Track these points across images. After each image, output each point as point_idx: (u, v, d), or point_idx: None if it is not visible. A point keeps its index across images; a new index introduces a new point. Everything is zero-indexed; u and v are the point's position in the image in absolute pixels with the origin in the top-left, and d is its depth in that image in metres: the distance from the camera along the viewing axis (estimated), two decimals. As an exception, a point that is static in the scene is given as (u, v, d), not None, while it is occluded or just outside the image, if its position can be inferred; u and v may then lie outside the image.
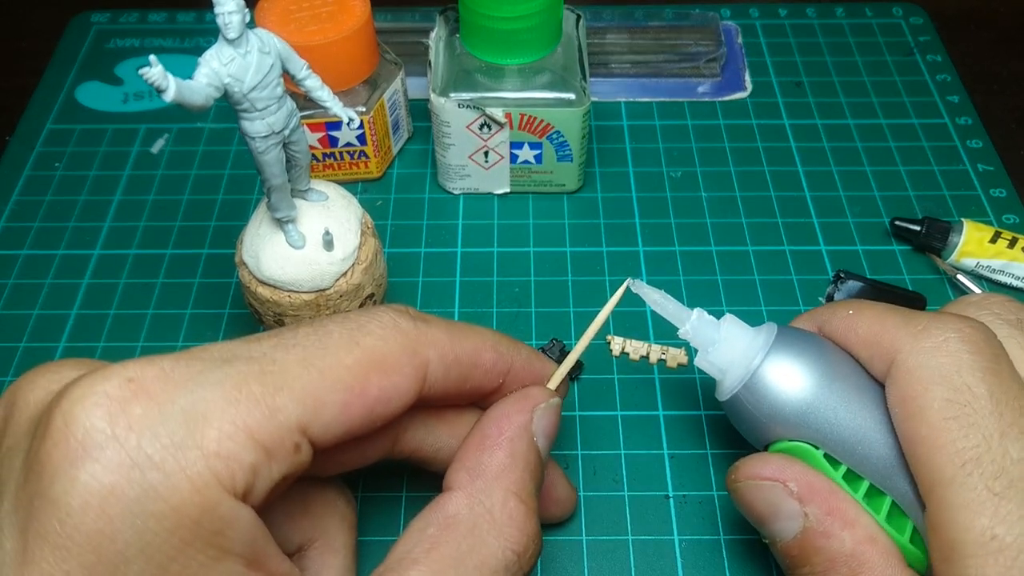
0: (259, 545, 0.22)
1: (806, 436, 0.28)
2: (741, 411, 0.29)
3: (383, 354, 0.24)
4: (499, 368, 0.28)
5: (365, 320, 0.25)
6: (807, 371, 0.28)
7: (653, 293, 0.30)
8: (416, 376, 0.25)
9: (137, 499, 0.20)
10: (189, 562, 0.20)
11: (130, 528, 0.19)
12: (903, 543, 0.26)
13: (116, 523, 0.19)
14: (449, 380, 0.26)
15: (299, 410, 0.22)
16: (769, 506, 0.27)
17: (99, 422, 0.20)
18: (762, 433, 0.29)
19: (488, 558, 0.24)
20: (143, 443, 0.20)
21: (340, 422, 0.23)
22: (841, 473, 0.27)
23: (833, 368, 0.28)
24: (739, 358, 0.29)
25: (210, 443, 0.20)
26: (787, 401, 0.28)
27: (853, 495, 0.27)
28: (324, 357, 0.23)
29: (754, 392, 0.28)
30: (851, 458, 0.27)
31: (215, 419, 0.21)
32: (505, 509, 0.25)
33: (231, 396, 0.21)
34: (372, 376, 0.24)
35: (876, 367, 0.27)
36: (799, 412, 0.28)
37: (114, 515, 0.19)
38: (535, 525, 0.25)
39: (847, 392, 0.27)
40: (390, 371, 0.24)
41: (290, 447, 0.22)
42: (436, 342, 0.26)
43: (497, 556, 0.24)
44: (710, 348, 0.30)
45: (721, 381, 0.30)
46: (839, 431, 0.27)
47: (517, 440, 0.26)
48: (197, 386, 0.21)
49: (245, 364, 0.22)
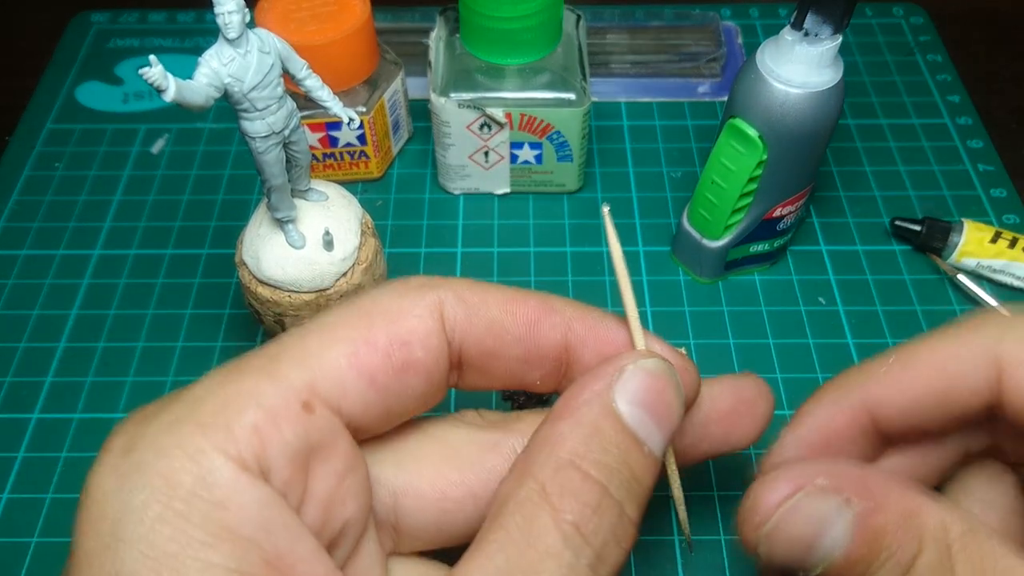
0: (278, 537, 0.19)
1: None
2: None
3: (385, 302, 0.23)
4: (548, 323, 0.25)
5: (369, 290, 0.24)
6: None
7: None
8: (431, 316, 0.23)
9: (127, 474, 0.19)
10: (188, 540, 0.18)
11: (119, 504, 0.19)
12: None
13: (105, 501, 0.19)
14: (478, 325, 0.24)
15: (299, 369, 0.21)
16: (812, 523, 0.22)
17: (110, 438, 0.20)
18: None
19: (540, 534, 0.20)
20: (141, 430, 0.20)
21: (356, 376, 0.22)
22: None
23: None
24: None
25: (205, 415, 0.20)
26: None
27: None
28: (320, 322, 0.23)
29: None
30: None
31: (211, 396, 0.20)
32: (557, 479, 0.21)
33: (229, 375, 0.21)
34: (376, 322, 0.23)
35: (972, 388, 0.24)
36: None
37: (107, 491, 0.19)
38: (598, 496, 0.21)
39: None
40: (396, 315, 0.23)
41: (296, 407, 0.21)
42: (450, 283, 0.24)
43: (551, 531, 0.20)
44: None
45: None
46: None
47: (586, 407, 0.22)
48: (198, 382, 0.21)
49: (246, 354, 0.22)
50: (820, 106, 0.34)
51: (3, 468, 0.35)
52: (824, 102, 0.34)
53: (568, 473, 0.21)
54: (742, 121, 0.35)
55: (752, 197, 0.37)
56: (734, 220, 0.38)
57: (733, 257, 0.40)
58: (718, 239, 0.39)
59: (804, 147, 0.35)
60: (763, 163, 0.36)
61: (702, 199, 0.38)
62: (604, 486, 0.21)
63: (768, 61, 0.34)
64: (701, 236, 0.40)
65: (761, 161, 0.35)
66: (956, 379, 0.25)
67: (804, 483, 0.22)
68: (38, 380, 0.38)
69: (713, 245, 0.39)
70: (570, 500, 0.21)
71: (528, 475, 0.21)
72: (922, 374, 0.25)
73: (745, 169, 0.36)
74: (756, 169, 0.36)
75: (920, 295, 0.41)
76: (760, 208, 0.38)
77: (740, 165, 0.36)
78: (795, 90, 0.33)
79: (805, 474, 0.22)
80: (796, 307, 0.40)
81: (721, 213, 0.38)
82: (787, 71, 0.33)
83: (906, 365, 0.25)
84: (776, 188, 0.37)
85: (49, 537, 0.34)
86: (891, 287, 0.41)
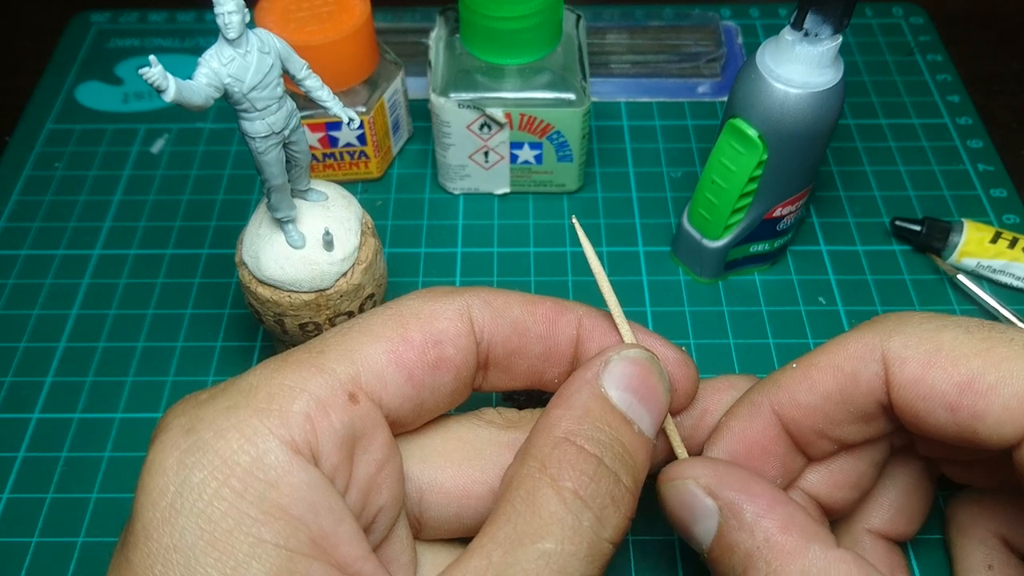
0: (324, 518, 0.21)
1: None
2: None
3: (417, 306, 0.25)
4: (563, 320, 0.27)
5: (400, 297, 0.26)
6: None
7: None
8: (460, 318, 0.25)
9: (188, 451, 0.20)
10: (241, 516, 0.20)
11: (178, 479, 0.20)
12: None
13: (165, 476, 0.20)
14: (503, 325, 0.26)
15: (344, 363, 0.23)
16: (683, 507, 0.25)
17: (169, 418, 0.22)
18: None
19: (542, 504, 0.22)
20: (201, 412, 0.21)
21: (395, 370, 0.24)
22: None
23: None
24: None
25: (260, 401, 0.21)
26: None
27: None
28: (359, 322, 0.25)
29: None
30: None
31: (264, 385, 0.22)
32: (554, 455, 0.23)
33: (279, 367, 0.23)
34: (411, 324, 0.25)
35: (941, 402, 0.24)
36: None
37: (167, 468, 0.20)
38: (594, 466, 0.23)
39: None
40: (429, 318, 0.25)
41: (343, 397, 0.22)
42: (474, 289, 0.26)
43: (552, 500, 0.22)
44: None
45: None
46: None
47: (576, 393, 0.24)
48: (249, 373, 0.23)
49: (292, 349, 0.24)
50: (820, 106, 0.34)
51: (3, 468, 0.35)
52: (824, 102, 0.34)
53: (564, 447, 0.23)
54: (742, 121, 0.35)
55: (752, 197, 0.37)
56: (734, 220, 0.38)
57: (733, 257, 0.40)
58: (718, 239, 0.39)
59: (804, 147, 0.35)
60: (763, 163, 0.36)
61: (702, 199, 0.38)
62: (599, 457, 0.23)
63: (768, 61, 0.34)
64: (701, 236, 0.40)
65: (761, 161, 0.35)
66: (851, 379, 0.25)
67: (691, 475, 0.25)
68: (38, 380, 0.38)
69: (713, 245, 0.39)
70: (568, 470, 0.22)
71: (528, 455, 0.23)
72: (820, 377, 0.26)
73: (745, 169, 0.36)
74: (756, 169, 0.36)
75: (920, 295, 0.41)
76: (760, 208, 0.38)
77: (740, 165, 0.36)
78: (795, 90, 0.33)
79: (697, 468, 0.25)
80: (796, 307, 0.40)
81: (721, 213, 0.38)
82: (787, 71, 0.33)
83: (807, 369, 0.26)
84: (776, 188, 0.37)
85: (49, 537, 0.34)
86: (891, 287, 0.41)
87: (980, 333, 0.24)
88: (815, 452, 0.27)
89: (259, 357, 0.39)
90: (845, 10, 0.32)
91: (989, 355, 0.23)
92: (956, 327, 0.24)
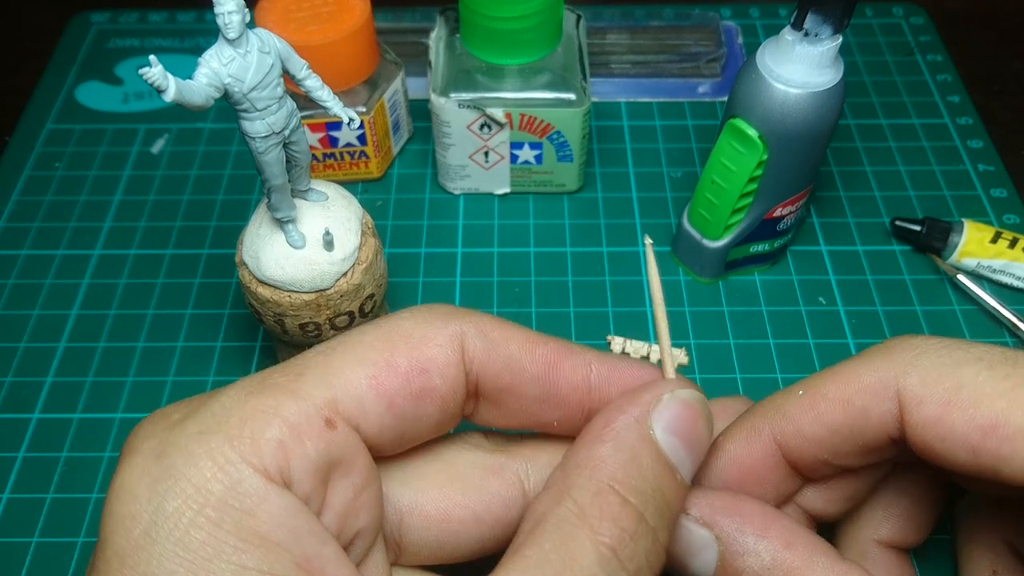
0: (306, 542, 0.20)
1: None
2: None
3: (408, 328, 0.24)
4: (568, 364, 0.25)
5: (395, 312, 0.25)
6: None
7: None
8: (451, 346, 0.24)
9: (159, 479, 0.20)
10: (221, 545, 0.19)
11: (151, 507, 0.20)
12: None
13: (137, 503, 0.20)
14: (496, 360, 0.25)
15: (322, 387, 0.22)
16: (676, 542, 0.24)
17: (137, 440, 0.21)
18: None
19: (577, 554, 0.21)
20: (171, 437, 0.21)
21: (375, 397, 0.23)
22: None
23: None
24: None
25: (232, 428, 0.21)
26: None
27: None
28: (344, 341, 0.23)
29: None
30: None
31: (238, 408, 0.21)
32: (596, 502, 0.21)
33: (254, 389, 0.22)
34: (399, 347, 0.23)
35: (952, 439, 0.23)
36: None
37: (137, 495, 0.20)
38: (635, 522, 0.22)
39: None
40: (419, 343, 0.24)
41: (319, 423, 0.22)
42: (473, 316, 0.25)
43: (588, 553, 0.21)
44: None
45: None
46: None
47: (625, 432, 0.23)
48: (222, 393, 0.22)
49: (269, 369, 0.23)
50: (820, 106, 0.34)
51: (3, 468, 0.35)
52: (824, 102, 0.34)
53: (608, 498, 0.22)
54: (742, 121, 0.35)
55: (752, 197, 0.37)
56: (734, 220, 0.38)
57: (733, 257, 0.40)
58: (718, 239, 0.39)
59: (804, 147, 0.35)
60: (763, 163, 0.36)
61: (702, 199, 0.38)
62: (641, 512, 0.22)
63: (768, 61, 0.34)
64: (701, 236, 0.40)
65: (761, 161, 0.35)
66: (861, 414, 0.24)
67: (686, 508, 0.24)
68: (38, 380, 0.38)
69: (713, 245, 0.39)
70: (609, 524, 0.21)
71: (566, 495, 0.22)
72: (828, 410, 0.25)
73: (745, 169, 0.36)
74: (756, 169, 0.36)
75: (920, 295, 0.41)
76: (760, 208, 0.38)
77: (740, 165, 0.36)
78: (795, 90, 0.33)
79: (688, 500, 0.24)
80: (796, 307, 0.40)
81: (721, 213, 0.38)
82: (787, 71, 0.33)
83: (814, 399, 0.25)
84: (776, 188, 0.37)
85: (49, 537, 0.34)
86: (891, 287, 0.41)
87: (1003, 369, 0.23)
88: (814, 476, 0.27)
89: (259, 357, 0.39)
90: (845, 10, 0.32)
91: (1014, 396, 0.22)
92: (978, 362, 0.23)
